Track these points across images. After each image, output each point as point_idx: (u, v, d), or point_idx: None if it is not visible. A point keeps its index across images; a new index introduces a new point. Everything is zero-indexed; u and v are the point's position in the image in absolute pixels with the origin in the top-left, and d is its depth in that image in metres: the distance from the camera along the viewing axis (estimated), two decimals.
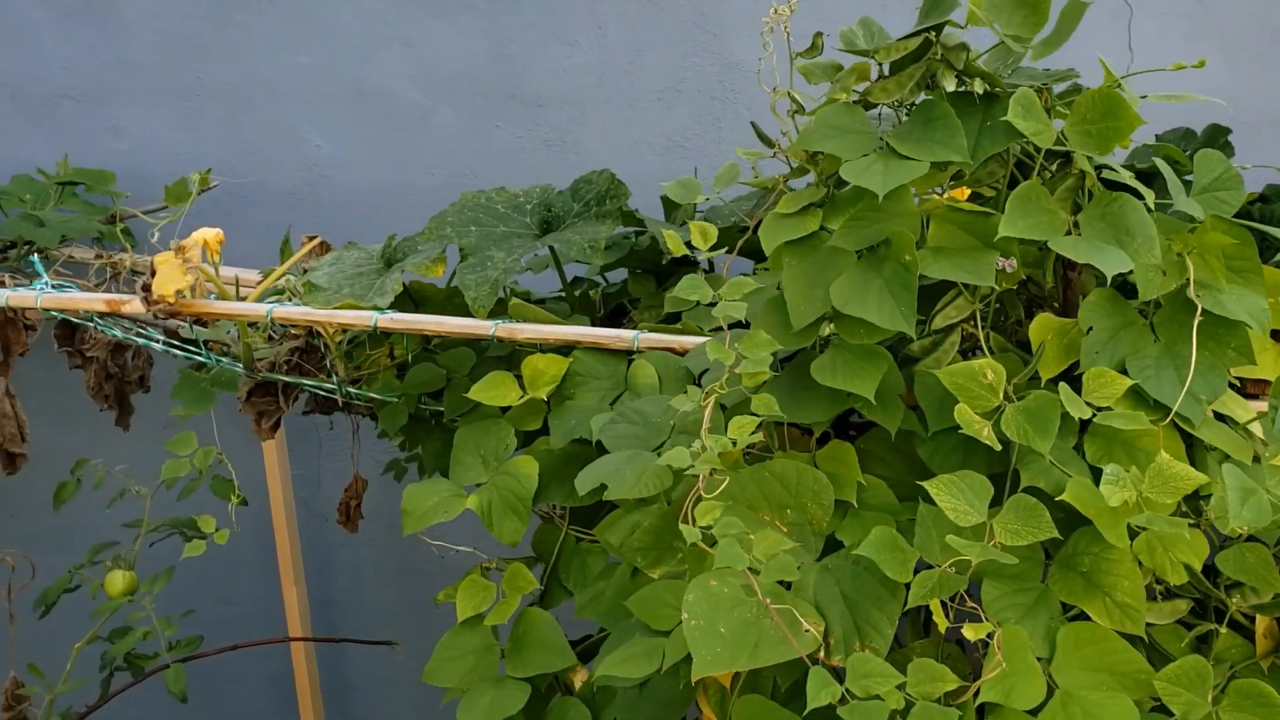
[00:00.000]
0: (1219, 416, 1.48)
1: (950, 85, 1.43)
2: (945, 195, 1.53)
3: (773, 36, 1.45)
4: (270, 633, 2.61)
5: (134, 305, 1.93)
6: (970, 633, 1.26)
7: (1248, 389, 1.57)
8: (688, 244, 1.54)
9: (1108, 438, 1.41)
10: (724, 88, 2.54)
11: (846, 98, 1.46)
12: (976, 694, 1.27)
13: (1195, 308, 1.43)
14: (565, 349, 1.83)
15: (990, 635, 1.27)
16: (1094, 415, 1.36)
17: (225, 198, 2.60)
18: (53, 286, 2.04)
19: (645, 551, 1.57)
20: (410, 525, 1.74)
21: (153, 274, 1.90)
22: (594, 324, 1.96)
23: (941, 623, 1.27)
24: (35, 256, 2.21)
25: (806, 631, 1.30)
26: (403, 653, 2.39)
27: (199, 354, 2.05)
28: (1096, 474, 1.38)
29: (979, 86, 1.42)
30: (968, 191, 1.61)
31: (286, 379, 2.03)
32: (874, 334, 1.41)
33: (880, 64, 1.49)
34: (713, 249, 1.49)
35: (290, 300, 2.00)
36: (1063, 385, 1.36)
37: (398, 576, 2.81)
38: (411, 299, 2.01)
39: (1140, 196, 1.41)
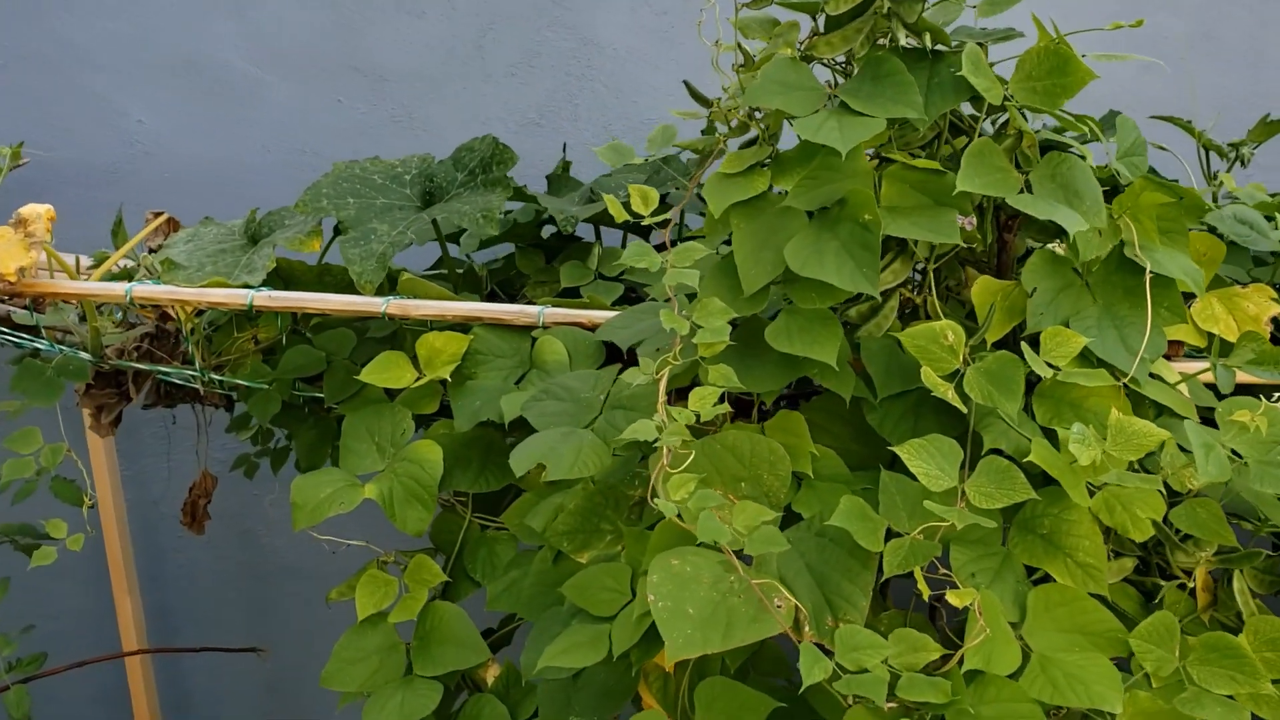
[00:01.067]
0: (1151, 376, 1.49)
1: (901, 39, 1.39)
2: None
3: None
4: (101, 645, 2.39)
5: None
6: (955, 599, 1.22)
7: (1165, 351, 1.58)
8: (629, 216, 1.45)
9: (1056, 398, 1.40)
10: (580, 63, 2.46)
11: (791, 52, 1.41)
12: (958, 662, 1.23)
13: (1130, 267, 1.44)
14: (462, 326, 1.72)
15: (973, 602, 1.23)
16: (1054, 375, 1.35)
17: (35, 176, 2.38)
18: None
19: (572, 535, 1.48)
20: (302, 520, 1.60)
21: None
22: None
23: (925, 591, 1.23)
24: None
25: (779, 607, 1.23)
26: (268, 658, 2.22)
27: (35, 341, 1.84)
28: (1047, 434, 1.37)
29: (929, 42, 1.39)
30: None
31: (141, 367, 1.85)
32: (827, 297, 1.36)
33: (816, 19, 1.44)
34: (653, 214, 1.41)
35: (145, 280, 1.82)
36: (1024, 345, 1.34)
37: (238, 580, 2.62)
38: (280, 277, 1.86)
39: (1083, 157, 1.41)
